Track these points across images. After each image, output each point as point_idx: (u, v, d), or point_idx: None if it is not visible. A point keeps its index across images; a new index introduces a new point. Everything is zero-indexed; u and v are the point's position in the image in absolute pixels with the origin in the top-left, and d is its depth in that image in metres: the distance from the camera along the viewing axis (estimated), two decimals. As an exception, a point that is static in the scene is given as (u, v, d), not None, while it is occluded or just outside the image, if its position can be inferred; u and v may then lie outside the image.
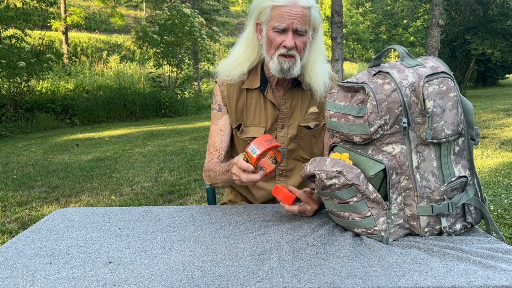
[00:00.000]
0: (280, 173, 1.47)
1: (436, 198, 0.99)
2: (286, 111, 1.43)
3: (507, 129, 6.63)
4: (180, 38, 10.96)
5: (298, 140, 1.45)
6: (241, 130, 1.45)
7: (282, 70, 1.31)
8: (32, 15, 8.68)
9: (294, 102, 1.44)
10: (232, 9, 29.58)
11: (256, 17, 1.36)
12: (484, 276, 0.82)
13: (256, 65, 1.43)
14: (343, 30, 8.03)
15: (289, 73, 1.32)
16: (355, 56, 34.36)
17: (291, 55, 1.30)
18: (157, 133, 7.83)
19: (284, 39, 1.29)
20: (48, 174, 4.77)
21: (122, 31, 21.42)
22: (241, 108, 1.44)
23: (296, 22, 1.27)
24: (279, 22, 1.28)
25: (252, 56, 1.41)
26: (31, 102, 9.47)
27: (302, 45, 1.31)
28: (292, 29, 1.28)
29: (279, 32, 1.29)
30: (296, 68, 1.32)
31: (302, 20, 1.28)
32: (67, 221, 1.23)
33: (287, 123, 1.44)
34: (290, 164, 1.47)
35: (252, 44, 1.40)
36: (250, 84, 1.43)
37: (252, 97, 1.44)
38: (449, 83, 0.98)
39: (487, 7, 15.86)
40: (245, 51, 1.42)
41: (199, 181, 4.31)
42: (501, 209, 3.20)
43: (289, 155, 1.47)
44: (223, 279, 0.83)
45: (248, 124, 1.44)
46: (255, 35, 1.39)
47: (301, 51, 1.32)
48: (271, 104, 1.43)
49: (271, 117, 1.43)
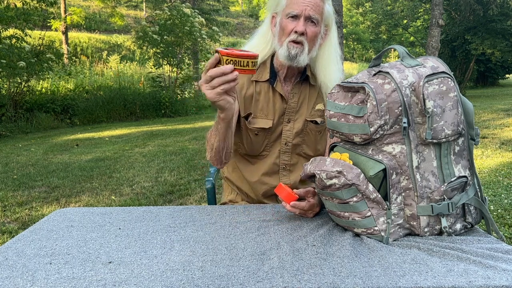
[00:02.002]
0: (283, 167, 1.48)
1: (436, 198, 0.99)
2: (293, 105, 1.44)
3: (507, 129, 6.63)
4: (180, 38, 10.97)
5: (303, 135, 1.46)
6: (249, 120, 1.45)
7: (289, 56, 1.33)
8: (32, 15, 8.68)
9: (301, 97, 1.45)
10: (232, 9, 29.59)
11: (273, 9, 1.41)
12: (484, 276, 0.82)
13: (266, 59, 1.45)
14: (343, 30, 8.04)
15: (295, 60, 1.33)
16: (355, 56, 34.37)
17: (300, 41, 1.32)
18: (157, 133, 7.83)
19: (296, 25, 1.32)
20: (48, 174, 4.77)
21: (122, 31, 21.42)
22: (250, 98, 1.45)
23: (309, 9, 1.31)
24: (292, 8, 1.32)
25: (265, 50, 1.43)
26: (31, 102, 9.46)
27: (313, 34, 1.34)
28: (305, 16, 1.31)
29: (292, 18, 1.33)
30: (303, 56, 1.33)
31: (315, 9, 1.32)
32: (67, 221, 1.23)
33: (294, 118, 1.45)
34: (294, 159, 1.48)
35: (266, 37, 1.44)
36: (259, 77, 1.44)
37: (260, 89, 1.45)
38: (449, 83, 0.98)
39: (487, 7, 15.86)
40: (259, 43, 1.45)
41: (199, 181, 4.31)
42: (501, 209, 3.20)
43: (293, 149, 1.47)
44: (223, 279, 0.83)
45: (257, 115, 1.45)
46: (269, 28, 1.43)
47: (311, 41, 1.34)
48: (279, 97, 1.44)
49: (279, 110, 1.44)
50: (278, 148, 1.47)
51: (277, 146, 1.47)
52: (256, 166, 1.50)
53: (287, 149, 1.47)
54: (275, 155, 1.48)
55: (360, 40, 32.78)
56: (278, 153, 1.47)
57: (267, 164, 1.48)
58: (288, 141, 1.46)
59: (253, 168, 1.50)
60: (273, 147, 1.48)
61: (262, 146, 1.47)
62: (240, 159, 1.53)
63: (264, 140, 1.46)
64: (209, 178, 1.73)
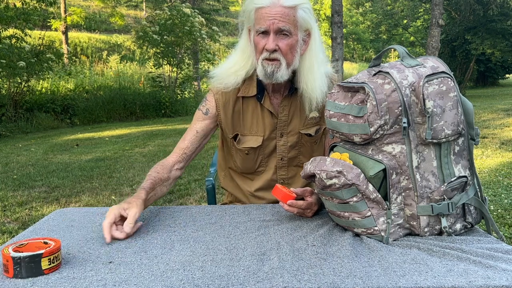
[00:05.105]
0: (281, 181, 1.45)
1: (436, 198, 0.99)
2: (284, 119, 1.39)
3: (507, 129, 6.63)
4: (180, 38, 10.96)
5: (299, 147, 1.43)
6: (238, 140, 1.41)
7: (266, 75, 1.27)
8: (32, 15, 8.68)
9: (292, 109, 1.39)
10: (232, 9, 29.56)
11: (246, 22, 1.33)
12: (484, 276, 0.82)
13: (252, 73, 1.37)
14: (343, 30, 8.04)
15: (273, 77, 1.26)
16: (355, 56, 34.35)
17: (274, 58, 1.25)
18: (157, 133, 7.83)
19: (266, 42, 1.24)
20: (48, 174, 4.77)
21: (122, 31, 21.40)
22: (237, 116, 1.40)
23: (277, 22, 1.22)
24: (260, 24, 1.24)
25: (248, 64, 1.35)
26: (31, 102, 9.46)
27: (288, 47, 1.25)
28: (274, 30, 1.23)
29: (262, 34, 1.25)
30: (280, 72, 1.26)
31: (285, 19, 1.22)
32: (67, 221, 1.23)
33: (286, 131, 1.41)
34: (291, 172, 1.45)
35: (247, 51, 1.35)
36: (245, 92, 1.38)
37: (248, 105, 1.40)
38: (449, 83, 0.98)
39: (487, 7, 15.87)
40: (240, 58, 1.36)
41: (199, 181, 4.31)
42: (501, 209, 3.20)
43: (289, 163, 1.44)
44: (223, 279, 0.83)
45: (246, 133, 1.41)
46: (248, 41, 1.34)
47: (287, 54, 1.26)
48: (268, 113, 1.39)
49: (269, 126, 1.40)
50: (274, 163, 1.43)
51: (273, 161, 1.43)
52: (253, 182, 1.47)
53: (283, 164, 1.43)
54: (272, 170, 1.44)
55: (360, 40, 32.76)
56: (275, 168, 1.44)
57: (264, 179, 1.45)
58: (284, 156, 1.42)
59: (250, 184, 1.48)
60: (269, 162, 1.44)
61: (256, 163, 1.44)
62: (236, 174, 1.51)
63: (257, 158, 1.43)
64: (209, 178, 1.73)
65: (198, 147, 1.43)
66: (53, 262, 0.88)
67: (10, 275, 0.85)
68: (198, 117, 1.43)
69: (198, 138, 1.41)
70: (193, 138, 1.41)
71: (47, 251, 0.86)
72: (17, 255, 0.84)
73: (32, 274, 0.85)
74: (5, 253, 0.86)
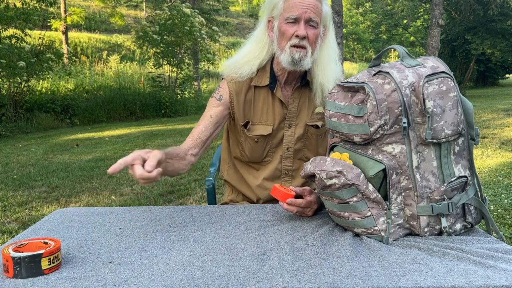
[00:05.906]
0: (285, 173, 1.47)
1: (436, 198, 0.99)
2: (293, 110, 1.43)
3: (507, 129, 6.63)
4: (180, 38, 10.96)
5: (304, 140, 1.46)
6: (248, 128, 1.44)
7: (293, 61, 1.31)
8: (32, 15, 8.68)
9: (301, 101, 1.44)
10: (232, 9, 29.58)
11: (268, 13, 1.38)
12: (484, 276, 0.82)
13: (265, 63, 1.42)
14: (343, 30, 8.04)
15: (299, 64, 1.31)
16: (355, 56, 34.36)
17: (302, 45, 1.30)
18: (157, 133, 7.83)
19: (296, 29, 1.30)
20: (48, 174, 4.77)
21: (122, 31, 21.40)
22: (249, 105, 1.44)
23: (309, 12, 1.29)
24: (291, 12, 1.29)
25: (262, 54, 1.40)
26: (31, 102, 9.47)
27: (314, 37, 1.32)
28: (305, 19, 1.29)
29: (292, 22, 1.30)
30: (306, 60, 1.32)
31: (315, 11, 1.30)
32: (67, 221, 1.23)
33: (294, 122, 1.44)
34: (295, 164, 1.47)
35: (262, 42, 1.41)
36: (258, 82, 1.43)
37: (260, 95, 1.44)
38: (449, 83, 0.98)
39: (487, 7, 15.87)
40: (254, 48, 1.42)
41: (199, 181, 4.31)
42: (501, 209, 3.20)
43: (295, 154, 1.46)
44: (223, 279, 0.83)
45: (255, 122, 1.44)
46: (266, 32, 1.40)
47: (313, 44, 1.32)
48: (279, 102, 1.43)
49: (279, 116, 1.43)
50: (280, 153, 1.47)
51: (279, 151, 1.47)
52: (259, 172, 1.50)
53: (289, 155, 1.46)
54: (277, 160, 1.47)
55: (360, 40, 32.77)
56: (280, 158, 1.47)
57: (269, 169, 1.48)
58: (290, 147, 1.46)
59: (256, 174, 1.50)
60: (275, 153, 1.47)
61: (264, 152, 1.46)
62: (242, 164, 1.53)
63: (265, 146, 1.46)
64: (209, 178, 1.73)
65: (213, 133, 1.43)
66: (53, 262, 0.88)
67: (10, 275, 0.85)
68: (212, 104, 1.45)
69: (212, 123, 1.42)
70: (208, 123, 1.42)
71: (47, 251, 0.86)
72: (17, 255, 0.84)
73: (32, 274, 0.85)
74: (5, 253, 0.86)
